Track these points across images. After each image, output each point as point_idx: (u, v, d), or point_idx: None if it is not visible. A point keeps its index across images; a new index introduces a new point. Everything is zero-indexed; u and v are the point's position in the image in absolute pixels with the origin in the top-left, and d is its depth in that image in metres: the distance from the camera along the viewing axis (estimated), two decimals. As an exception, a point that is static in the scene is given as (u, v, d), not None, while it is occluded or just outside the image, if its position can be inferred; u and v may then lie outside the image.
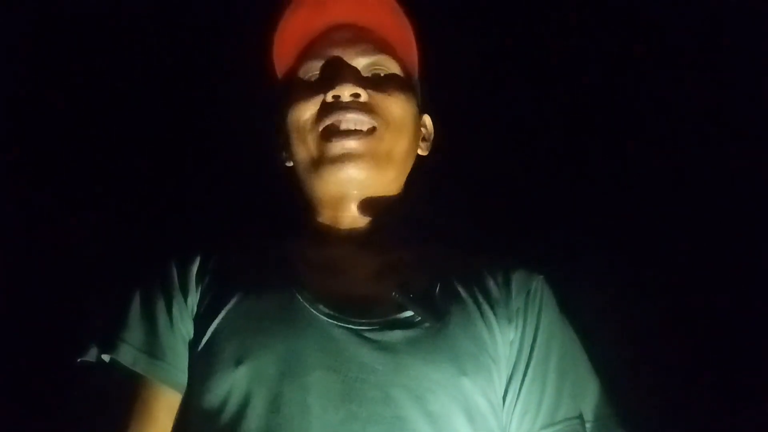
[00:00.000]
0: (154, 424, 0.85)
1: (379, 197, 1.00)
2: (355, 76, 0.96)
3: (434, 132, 1.11)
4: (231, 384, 0.82)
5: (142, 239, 1.19)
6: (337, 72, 0.96)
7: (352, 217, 1.00)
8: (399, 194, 1.03)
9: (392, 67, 1.00)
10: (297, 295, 0.89)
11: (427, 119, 1.10)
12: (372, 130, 0.95)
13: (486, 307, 0.92)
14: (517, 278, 0.96)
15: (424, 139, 1.09)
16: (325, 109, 0.95)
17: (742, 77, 1.28)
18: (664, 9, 1.29)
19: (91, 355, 0.89)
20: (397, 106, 0.98)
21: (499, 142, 1.33)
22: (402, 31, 1.03)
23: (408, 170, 1.04)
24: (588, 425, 0.88)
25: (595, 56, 1.34)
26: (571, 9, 1.33)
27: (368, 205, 0.99)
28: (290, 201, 1.04)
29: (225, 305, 0.89)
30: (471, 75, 1.31)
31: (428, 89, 1.09)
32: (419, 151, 1.07)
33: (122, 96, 1.32)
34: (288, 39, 1.02)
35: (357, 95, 0.95)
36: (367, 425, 0.79)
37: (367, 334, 0.85)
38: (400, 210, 1.02)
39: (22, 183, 1.27)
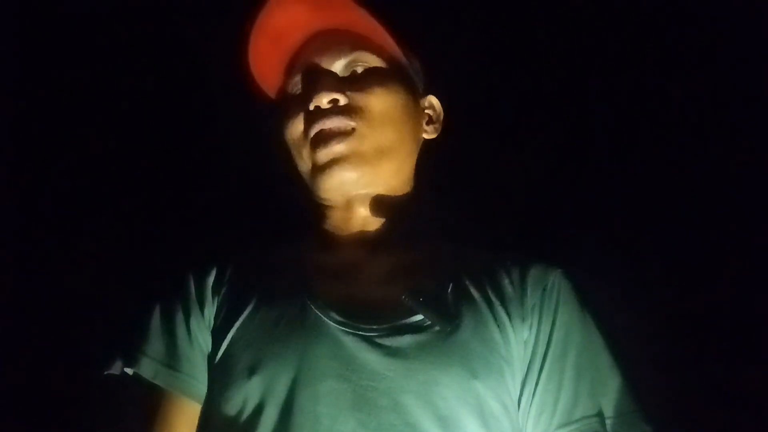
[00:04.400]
0: None
1: (386, 195, 0.99)
2: (330, 82, 0.95)
3: (442, 131, 1.08)
4: (245, 394, 0.84)
5: (160, 252, 1.22)
6: (314, 81, 0.96)
7: (361, 219, 1.00)
8: (407, 193, 1.02)
9: (371, 61, 0.99)
10: (308, 302, 0.90)
11: (433, 100, 1.08)
12: (351, 131, 0.94)
13: (498, 306, 0.91)
14: (532, 274, 0.94)
15: (430, 122, 1.07)
16: (310, 120, 0.96)
17: (743, 76, 1.24)
18: (665, 7, 1.25)
19: (115, 368, 0.92)
20: (377, 101, 0.96)
21: (505, 140, 1.31)
22: (373, 21, 0.99)
23: (411, 159, 1.03)
24: (609, 421, 0.86)
25: (602, 53, 1.31)
26: (577, 5, 1.29)
27: (377, 205, 0.99)
28: (300, 205, 1.05)
29: (239, 316, 0.91)
30: (479, 72, 1.29)
31: (438, 80, 1.07)
32: (425, 135, 1.05)
33: (133, 106, 1.34)
34: (268, 60, 1.02)
35: (335, 100, 0.95)
36: None
37: (377, 340, 0.86)
38: (409, 209, 1.01)
39: (37, 196, 1.31)
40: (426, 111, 1.07)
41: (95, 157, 1.34)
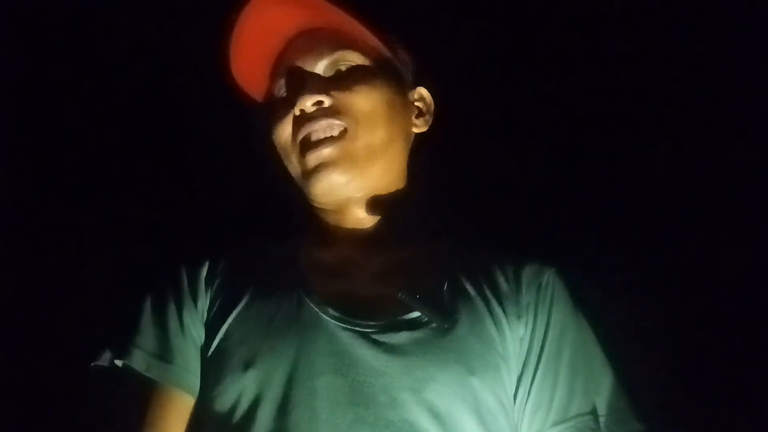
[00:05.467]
0: (167, 429, 0.87)
1: (379, 194, 0.98)
2: (313, 84, 0.94)
3: (437, 129, 1.07)
4: (241, 388, 0.83)
5: (153, 245, 1.21)
6: (297, 84, 0.95)
7: (356, 218, 0.99)
8: (400, 189, 1.01)
9: (354, 59, 0.97)
10: (305, 297, 0.89)
11: (423, 91, 1.06)
12: (344, 132, 0.93)
13: (495, 303, 0.91)
14: (527, 272, 0.95)
15: (420, 114, 1.05)
16: (297, 124, 0.95)
17: (743, 75, 1.25)
18: (663, 6, 1.26)
19: (104, 360, 0.90)
20: (364, 99, 0.95)
21: (502, 139, 1.31)
22: (352, 17, 0.97)
23: (402, 156, 1.01)
24: (602, 419, 0.87)
25: (599, 52, 1.32)
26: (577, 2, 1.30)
27: (371, 204, 0.98)
28: (295, 204, 1.04)
29: (234, 309, 0.90)
30: (475, 70, 1.29)
31: (436, 77, 1.07)
32: (415, 129, 1.04)
33: (128, 102, 1.33)
34: (252, 63, 1.01)
35: (320, 102, 0.93)
36: (374, 429, 0.79)
37: (374, 336, 0.85)
38: (404, 206, 1.01)
39: (34, 190, 1.30)
40: (416, 103, 1.05)
41: (90, 155, 1.32)
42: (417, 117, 1.05)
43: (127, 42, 1.33)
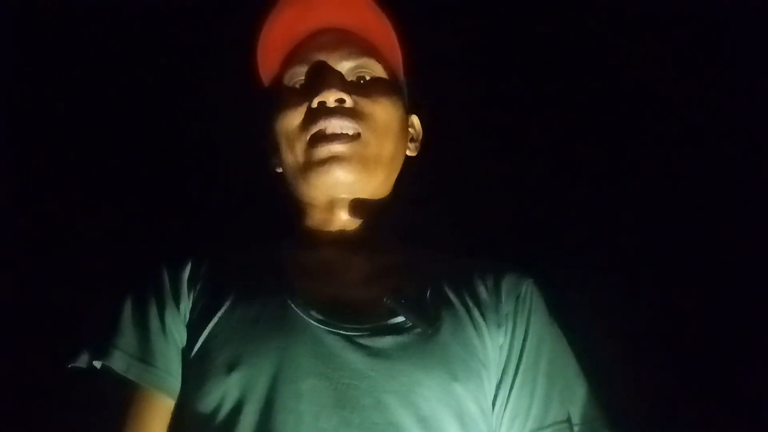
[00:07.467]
0: (147, 431, 0.86)
1: (369, 200, 1.00)
2: (340, 81, 0.96)
3: (422, 134, 1.11)
4: (224, 391, 0.83)
5: (133, 245, 1.19)
6: (322, 77, 0.96)
7: (342, 221, 1.00)
8: (388, 197, 1.04)
9: (377, 70, 1.00)
10: (288, 300, 0.89)
11: (414, 119, 1.11)
12: (357, 136, 0.95)
13: (476, 311, 0.93)
14: (506, 282, 0.97)
15: (412, 140, 1.09)
16: (311, 116, 0.95)
17: (742, 76, 1.28)
18: (652, 8, 1.29)
19: (82, 361, 0.89)
20: (382, 111, 0.98)
21: (487, 145, 1.32)
22: (385, 32, 1.02)
23: (396, 172, 1.05)
24: (576, 428, 0.89)
25: (583, 57, 1.34)
26: (564, 5, 1.32)
27: (358, 208, 1.00)
28: (280, 205, 1.04)
29: (217, 311, 0.89)
30: (457, 77, 1.31)
31: (416, 91, 1.10)
32: (408, 152, 1.08)
33: (115, 101, 1.31)
34: (272, 45, 1.02)
35: (342, 101, 0.95)
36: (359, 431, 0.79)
37: (359, 340, 0.86)
38: (389, 213, 1.02)
39: (15, 187, 1.26)
40: (409, 129, 1.09)
41: (74, 154, 1.30)
42: (410, 141, 1.08)
43: (118, 40, 1.31)
